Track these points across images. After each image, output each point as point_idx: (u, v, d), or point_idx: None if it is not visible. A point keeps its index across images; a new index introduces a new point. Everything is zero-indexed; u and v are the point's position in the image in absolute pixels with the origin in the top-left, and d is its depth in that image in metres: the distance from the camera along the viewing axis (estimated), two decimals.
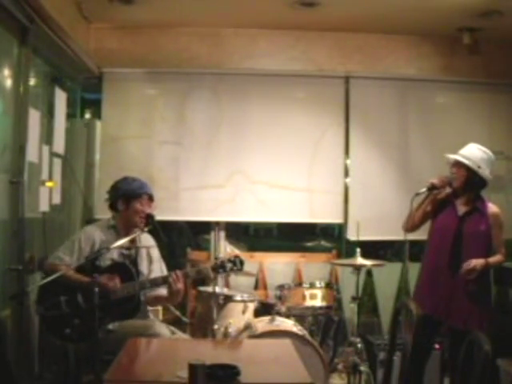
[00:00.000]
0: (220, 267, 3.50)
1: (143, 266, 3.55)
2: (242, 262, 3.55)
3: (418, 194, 3.55)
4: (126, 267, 3.40)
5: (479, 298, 3.44)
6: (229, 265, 3.51)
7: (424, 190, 3.54)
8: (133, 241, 3.50)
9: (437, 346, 3.99)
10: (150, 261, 3.60)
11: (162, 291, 3.50)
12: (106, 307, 3.10)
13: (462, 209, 3.53)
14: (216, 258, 3.71)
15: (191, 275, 3.53)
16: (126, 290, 3.32)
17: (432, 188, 3.54)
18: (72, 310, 3.22)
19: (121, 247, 3.41)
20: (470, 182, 3.49)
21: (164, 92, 4.84)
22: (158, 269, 3.61)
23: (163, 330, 3.31)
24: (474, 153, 3.52)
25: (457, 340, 3.21)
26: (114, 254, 3.44)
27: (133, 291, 3.34)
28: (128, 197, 3.50)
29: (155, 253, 3.64)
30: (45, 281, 2.91)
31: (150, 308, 3.66)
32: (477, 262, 3.36)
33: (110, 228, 3.53)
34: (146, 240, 3.62)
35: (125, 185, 3.55)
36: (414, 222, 3.61)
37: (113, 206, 3.57)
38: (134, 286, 3.35)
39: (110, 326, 3.30)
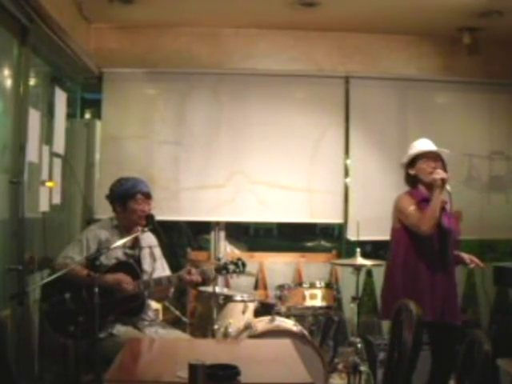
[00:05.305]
0: (223, 269, 3.54)
1: (146, 265, 3.57)
2: (244, 265, 3.59)
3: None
4: (131, 266, 3.41)
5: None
6: (231, 267, 3.55)
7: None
8: (136, 240, 3.52)
9: None
10: (154, 259, 3.62)
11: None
12: (110, 305, 3.12)
13: None
14: (218, 259, 3.72)
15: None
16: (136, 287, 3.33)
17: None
18: (76, 307, 3.22)
19: (124, 247, 3.42)
20: None
21: (164, 92, 4.84)
22: (161, 267, 3.64)
23: None
24: (433, 146, 3.42)
25: (456, 338, 3.21)
26: (119, 253, 3.45)
27: (138, 290, 3.35)
28: (123, 198, 3.51)
29: (158, 251, 3.67)
30: (50, 278, 2.89)
31: (151, 308, 3.66)
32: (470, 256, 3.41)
33: (114, 228, 3.55)
34: (149, 239, 3.64)
35: (118, 187, 3.57)
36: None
37: (114, 209, 3.60)
38: (140, 284, 3.36)
39: (115, 331, 3.29)
